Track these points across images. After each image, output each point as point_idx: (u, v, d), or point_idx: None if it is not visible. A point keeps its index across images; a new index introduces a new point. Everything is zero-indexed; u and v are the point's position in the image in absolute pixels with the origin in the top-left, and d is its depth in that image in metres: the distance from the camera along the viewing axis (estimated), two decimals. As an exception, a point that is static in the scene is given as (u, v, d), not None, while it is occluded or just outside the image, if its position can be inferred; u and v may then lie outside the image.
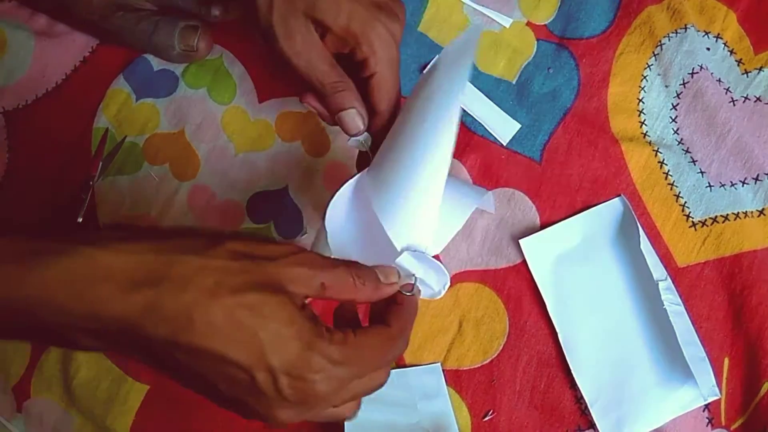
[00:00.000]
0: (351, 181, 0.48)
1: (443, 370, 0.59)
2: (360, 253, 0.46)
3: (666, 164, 0.62)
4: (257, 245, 0.37)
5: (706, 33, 0.65)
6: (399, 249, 0.44)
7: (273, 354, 0.35)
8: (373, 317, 0.42)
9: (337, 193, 0.47)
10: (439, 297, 0.45)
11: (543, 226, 0.61)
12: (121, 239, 0.36)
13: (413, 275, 0.44)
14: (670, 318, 0.57)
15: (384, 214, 0.44)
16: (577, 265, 0.61)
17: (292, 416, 0.37)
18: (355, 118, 0.50)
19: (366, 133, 0.51)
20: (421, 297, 0.44)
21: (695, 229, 0.61)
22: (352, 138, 0.51)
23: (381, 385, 0.41)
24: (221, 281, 0.35)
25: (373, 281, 0.40)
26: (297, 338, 0.35)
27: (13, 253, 0.35)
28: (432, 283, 0.45)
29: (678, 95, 0.64)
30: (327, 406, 0.38)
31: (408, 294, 0.42)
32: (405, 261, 0.44)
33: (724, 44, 0.65)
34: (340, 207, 0.48)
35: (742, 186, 0.62)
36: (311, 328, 0.36)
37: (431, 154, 0.43)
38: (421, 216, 0.44)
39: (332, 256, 0.41)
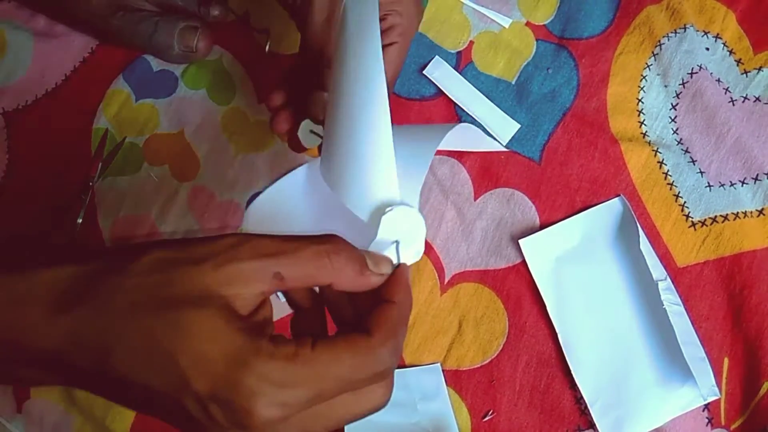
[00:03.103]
0: (293, 173, 0.46)
1: (443, 371, 0.59)
2: None
3: (665, 164, 0.62)
4: (184, 248, 0.32)
5: (706, 33, 0.65)
6: (367, 220, 0.39)
7: (196, 379, 0.30)
8: (353, 322, 0.36)
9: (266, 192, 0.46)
10: (420, 257, 0.40)
11: (542, 226, 0.61)
12: (40, 264, 0.33)
13: (395, 242, 0.38)
14: (670, 318, 0.57)
15: (342, 191, 0.40)
16: (577, 265, 0.61)
17: None
18: None
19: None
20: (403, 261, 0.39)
21: (695, 229, 0.61)
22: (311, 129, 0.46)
23: (376, 408, 0.34)
24: (137, 300, 0.31)
25: (357, 263, 0.34)
26: (223, 358, 0.30)
27: None
28: (416, 240, 0.39)
29: (677, 95, 0.64)
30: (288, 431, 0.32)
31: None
32: (385, 227, 0.38)
33: (724, 44, 0.65)
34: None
35: (742, 186, 0.62)
36: (244, 343, 0.30)
37: (367, 109, 0.39)
38: (380, 172, 0.39)
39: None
